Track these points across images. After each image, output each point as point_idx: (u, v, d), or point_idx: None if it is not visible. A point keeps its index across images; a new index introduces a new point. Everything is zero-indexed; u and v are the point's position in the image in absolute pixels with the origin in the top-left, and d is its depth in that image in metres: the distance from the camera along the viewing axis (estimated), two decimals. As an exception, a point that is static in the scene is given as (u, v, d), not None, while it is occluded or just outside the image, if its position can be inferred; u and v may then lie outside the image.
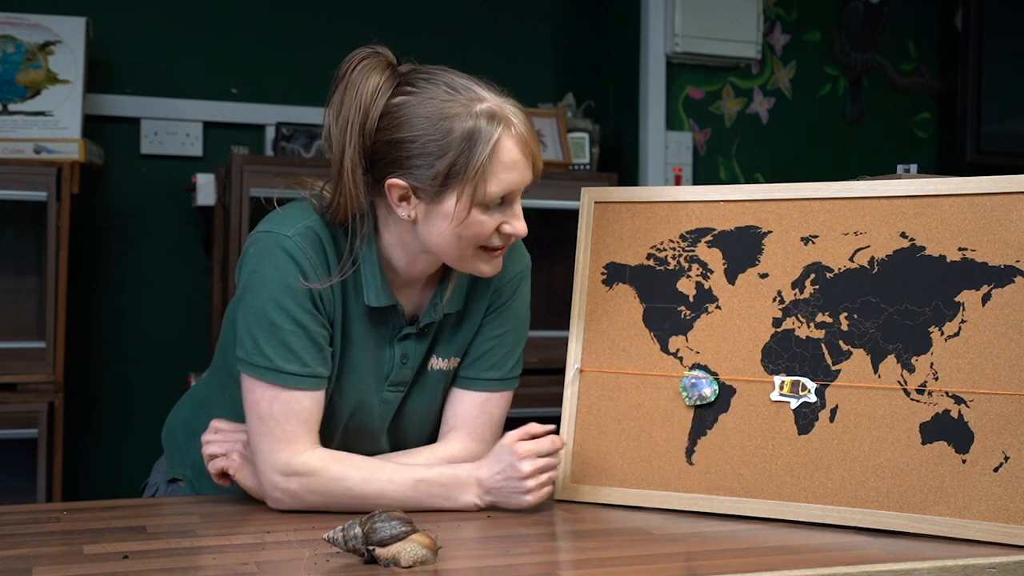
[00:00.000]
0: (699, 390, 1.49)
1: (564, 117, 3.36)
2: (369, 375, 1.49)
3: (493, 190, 1.36)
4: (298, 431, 1.39)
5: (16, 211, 2.91)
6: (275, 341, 1.39)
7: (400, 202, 1.39)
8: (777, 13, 3.57)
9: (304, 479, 1.39)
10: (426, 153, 1.35)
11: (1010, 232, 1.37)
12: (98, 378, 3.17)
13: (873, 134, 3.71)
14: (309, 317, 1.40)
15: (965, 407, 1.35)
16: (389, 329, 1.49)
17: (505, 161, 1.36)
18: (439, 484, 1.42)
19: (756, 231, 1.51)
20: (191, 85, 3.26)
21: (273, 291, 1.39)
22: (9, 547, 1.24)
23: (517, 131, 1.36)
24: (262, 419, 1.40)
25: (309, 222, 1.42)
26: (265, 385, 1.39)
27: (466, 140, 1.34)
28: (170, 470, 1.66)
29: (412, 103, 1.36)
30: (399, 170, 1.37)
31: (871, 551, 1.26)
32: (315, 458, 1.40)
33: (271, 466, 1.40)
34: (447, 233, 1.38)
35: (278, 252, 1.39)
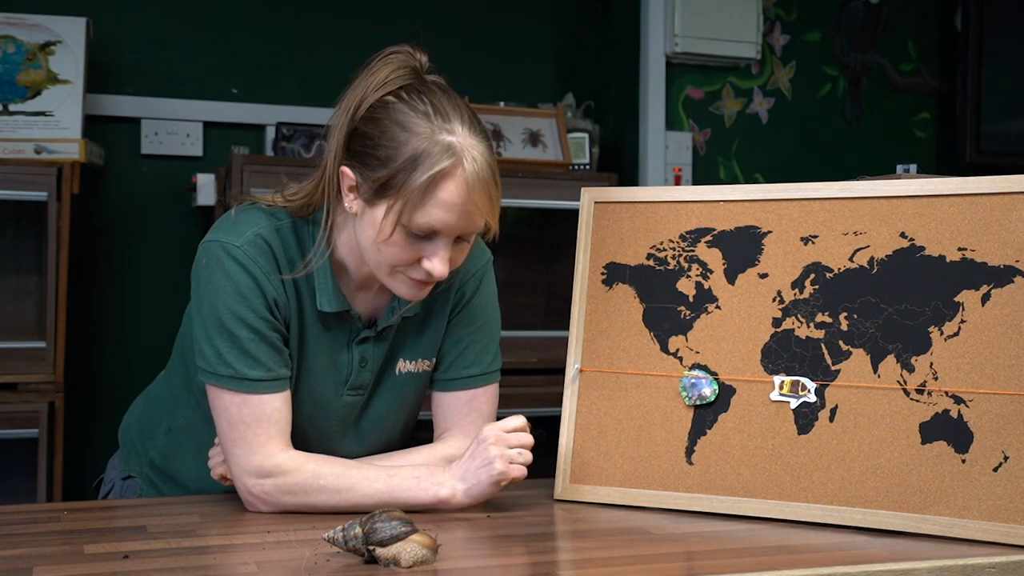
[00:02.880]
0: (699, 390, 1.49)
1: (564, 117, 3.36)
2: (327, 379, 1.49)
3: (419, 220, 1.33)
4: (270, 433, 1.40)
5: (16, 211, 2.91)
6: (236, 350, 1.40)
7: (349, 192, 1.39)
8: (777, 13, 3.57)
9: (278, 479, 1.40)
10: (376, 156, 1.34)
11: (1010, 232, 1.37)
12: (98, 378, 3.17)
13: (873, 134, 3.71)
14: (265, 323, 1.41)
15: (965, 407, 1.35)
16: (346, 333, 1.49)
17: (440, 198, 1.32)
18: (412, 476, 1.41)
19: (756, 231, 1.51)
20: (191, 85, 3.26)
21: (227, 301, 1.40)
22: (9, 547, 1.24)
23: (467, 174, 1.32)
24: (232, 425, 1.41)
25: (258, 229, 1.42)
26: (232, 392, 1.40)
27: (411, 160, 1.32)
28: (125, 467, 1.65)
29: (398, 108, 1.36)
30: (355, 160, 1.37)
31: (871, 551, 1.26)
32: (289, 459, 1.41)
33: (245, 470, 1.41)
34: (370, 240, 1.38)
35: (229, 262, 1.40)
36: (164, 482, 1.61)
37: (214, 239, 1.43)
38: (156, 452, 1.61)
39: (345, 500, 1.40)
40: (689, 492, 1.46)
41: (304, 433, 1.49)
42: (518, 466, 1.40)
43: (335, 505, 1.40)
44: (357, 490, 1.40)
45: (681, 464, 1.48)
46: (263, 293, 1.41)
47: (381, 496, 1.40)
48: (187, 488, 1.59)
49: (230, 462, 1.42)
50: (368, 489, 1.40)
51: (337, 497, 1.40)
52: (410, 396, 1.57)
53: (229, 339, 1.40)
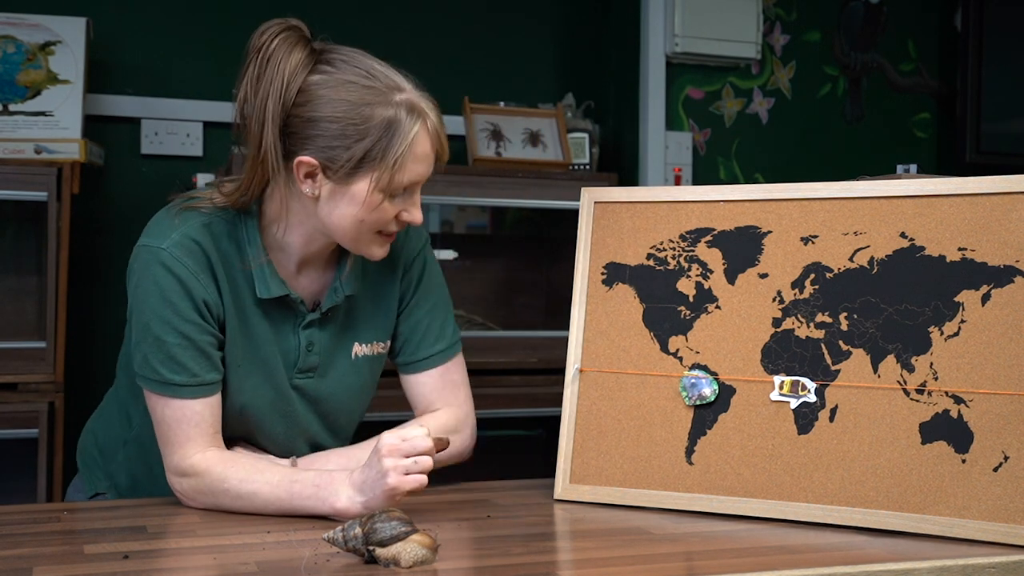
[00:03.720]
0: (699, 390, 1.49)
1: (564, 117, 3.36)
2: (277, 365, 1.50)
3: (404, 179, 1.39)
4: (190, 435, 1.42)
5: (16, 211, 2.91)
6: (161, 355, 1.42)
7: (305, 179, 1.40)
8: (777, 13, 3.57)
9: (192, 480, 1.43)
10: (344, 135, 1.37)
11: (1010, 232, 1.37)
12: (98, 378, 3.16)
13: (873, 134, 3.71)
14: (192, 327, 1.42)
15: (965, 407, 1.35)
16: (291, 318, 1.50)
17: (417, 153, 1.39)
18: (312, 485, 1.38)
19: (756, 231, 1.51)
20: (191, 85, 3.26)
21: (155, 306, 1.42)
22: (9, 547, 1.24)
23: (432, 125, 1.40)
24: (159, 424, 1.45)
25: (185, 229, 1.43)
26: (157, 395, 1.43)
27: (385, 129, 1.37)
28: (91, 487, 1.65)
29: (332, 83, 1.38)
30: (311, 148, 1.38)
31: (871, 551, 1.26)
32: (203, 460, 1.42)
33: (170, 468, 1.45)
34: (350, 216, 1.40)
35: (156, 266, 1.42)
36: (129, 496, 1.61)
37: (142, 243, 1.45)
38: (119, 468, 1.62)
39: (249, 504, 1.41)
40: (689, 492, 1.46)
41: (268, 420, 1.52)
42: (413, 477, 1.32)
43: (242, 508, 1.41)
44: (259, 496, 1.40)
45: (681, 464, 1.48)
46: (191, 296, 1.41)
47: (281, 503, 1.39)
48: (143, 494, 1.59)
49: (163, 457, 1.46)
50: (269, 496, 1.39)
51: (240, 502, 1.41)
52: (369, 378, 1.60)
53: (155, 344, 1.42)
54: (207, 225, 1.44)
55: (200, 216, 1.45)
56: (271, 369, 1.50)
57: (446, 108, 3.52)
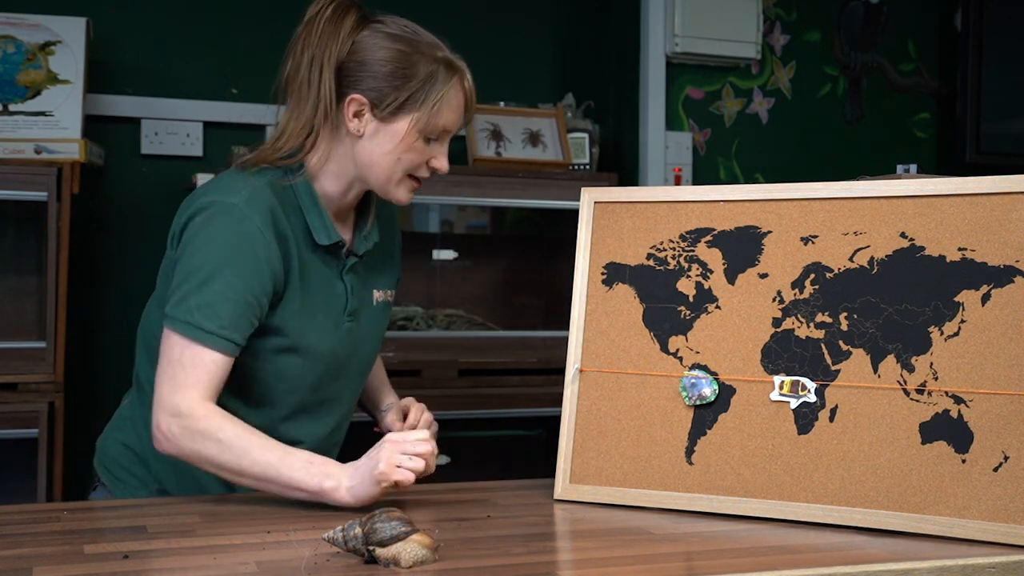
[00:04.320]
0: (699, 390, 1.49)
1: (564, 117, 3.36)
2: (330, 311, 1.60)
3: (438, 123, 1.56)
4: (199, 380, 1.46)
5: (16, 211, 2.91)
6: (202, 299, 1.46)
7: (353, 117, 1.55)
8: (777, 13, 3.57)
9: (186, 422, 1.44)
10: (393, 76, 1.54)
11: (1010, 232, 1.37)
12: (98, 378, 3.17)
13: (873, 134, 3.71)
14: (242, 283, 1.48)
15: (965, 407, 1.35)
16: (335, 265, 1.62)
17: (452, 103, 1.57)
18: (305, 460, 1.42)
19: (756, 231, 1.52)
20: (191, 85, 3.26)
21: (213, 253, 1.48)
22: (9, 547, 1.24)
23: (467, 84, 1.59)
24: (170, 363, 1.47)
25: (253, 187, 1.53)
26: (181, 337, 1.46)
27: (428, 77, 1.54)
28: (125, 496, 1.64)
29: (381, 35, 1.55)
30: (362, 88, 1.54)
31: (871, 551, 1.26)
32: (203, 406, 1.45)
33: (163, 406, 1.46)
34: (389, 152, 1.55)
35: (226, 218, 1.49)
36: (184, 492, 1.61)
37: (212, 199, 1.51)
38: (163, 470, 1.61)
39: (236, 460, 1.42)
40: (689, 492, 1.46)
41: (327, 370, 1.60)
42: (404, 471, 1.37)
43: (226, 462, 1.43)
44: (250, 454, 1.42)
45: (681, 464, 1.48)
46: (253, 252, 1.49)
47: (269, 467, 1.41)
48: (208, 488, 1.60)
49: (155, 395, 1.48)
50: (260, 457, 1.42)
51: (229, 454, 1.42)
52: (383, 326, 1.74)
53: (199, 287, 1.47)
54: (270, 184, 1.55)
55: (264, 175, 1.56)
56: (328, 312, 1.60)
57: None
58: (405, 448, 1.38)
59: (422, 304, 3.31)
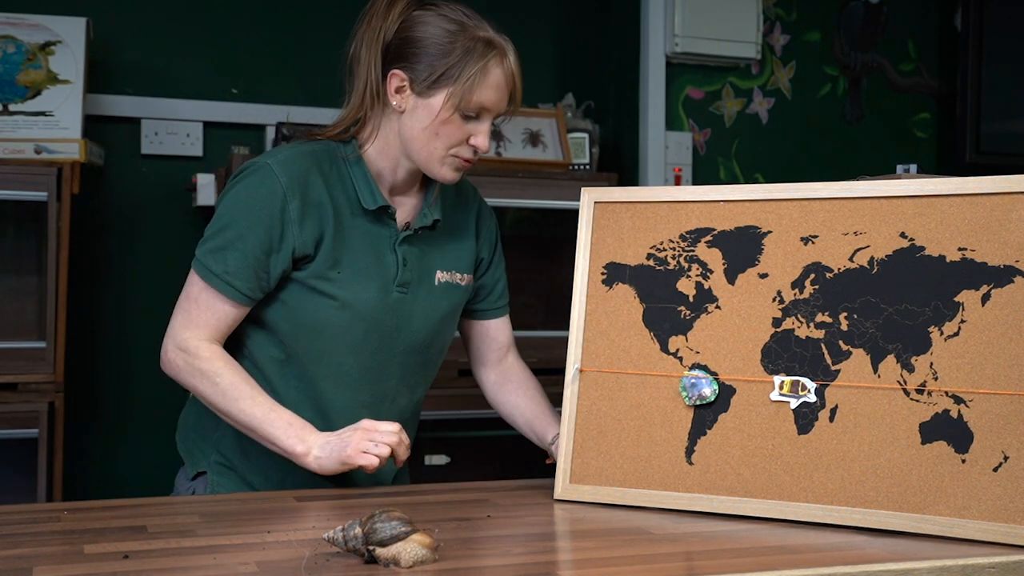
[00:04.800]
0: (699, 390, 1.49)
1: (564, 117, 3.36)
2: (377, 278, 1.63)
3: (475, 100, 1.58)
4: (208, 321, 1.58)
5: (16, 211, 2.91)
6: (215, 244, 1.57)
7: (396, 93, 1.60)
8: (777, 13, 3.57)
9: (190, 359, 1.57)
10: (429, 54, 1.57)
11: (1010, 232, 1.37)
12: (98, 378, 3.17)
13: (873, 134, 3.71)
14: (253, 236, 1.56)
15: (965, 407, 1.35)
16: (388, 236, 1.65)
17: (490, 81, 1.58)
18: (287, 422, 1.54)
19: (756, 231, 1.52)
20: (191, 85, 3.26)
21: (235, 204, 1.58)
22: (9, 547, 1.24)
23: (507, 64, 1.61)
24: (188, 298, 1.60)
25: (291, 152, 1.61)
26: (197, 277, 1.59)
27: (465, 53, 1.57)
28: (192, 468, 1.70)
29: (428, 16, 1.60)
30: (404, 63, 1.59)
31: (871, 551, 1.26)
32: (208, 348, 1.58)
33: (173, 336, 1.59)
34: (427, 128, 1.59)
35: (254, 175, 1.58)
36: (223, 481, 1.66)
37: (253, 160, 1.62)
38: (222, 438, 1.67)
39: (226, 405, 1.55)
40: (689, 492, 1.46)
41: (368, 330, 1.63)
42: (369, 456, 1.49)
43: (217, 403, 1.56)
44: (238, 402, 1.55)
45: (681, 464, 1.48)
46: (270, 207, 1.56)
47: (254, 419, 1.54)
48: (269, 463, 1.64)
49: (170, 321, 1.61)
50: (247, 407, 1.54)
51: (221, 398, 1.55)
52: (448, 307, 1.73)
53: (217, 233, 1.58)
54: (313, 152, 1.62)
55: (310, 145, 1.64)
56: (373, 275, 1.63)
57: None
58: (374, 436, 1.50)
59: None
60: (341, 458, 1.50)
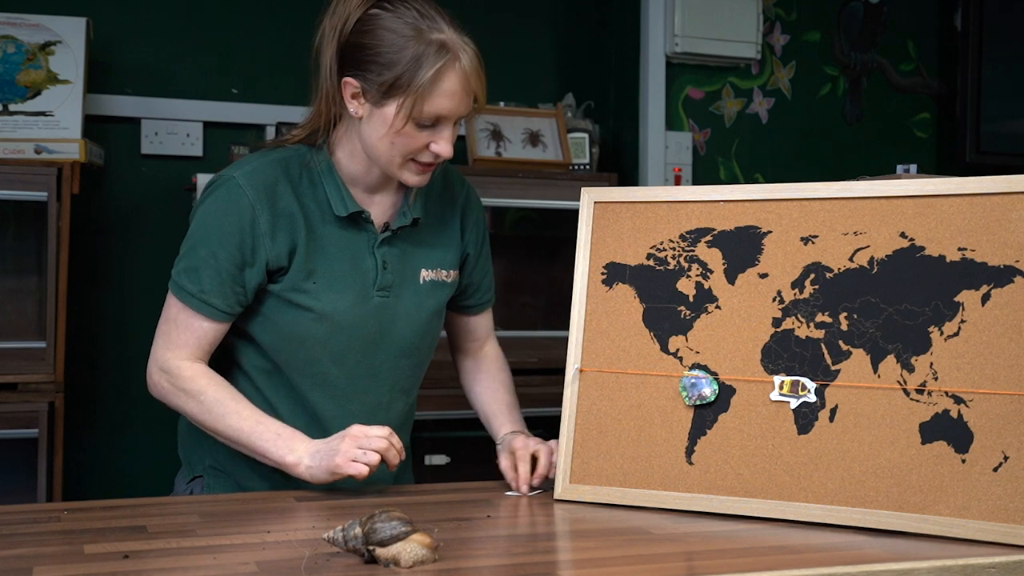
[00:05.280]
0: (699, 390, 1.49)
1: (564, 117, 3.36)
2: (355, 283, 1.61)
3: (428, 110, 1.51)
4: (188, 341, 1.57)
5: (16, 211, 2.91)
6: (188, 263, 1.57)
7: (352, 99, 1.55)
8: (777, 13, 3.57)
9: (174, 380, 1.56)
10: (379, 62, 1.51)
11: (1010, 232, 1.37)
12: (98, 378, 3.17)
13: (873, 134, 3.71)
14: (224, 252, 1.54)
15: (965, 407, 1.35)
16: (365, 240, 1.62)
17: (443, 88, 1.51)
18: (275, 432, 1.53)
19: (756, 231, 1.52)
20: (191, 85, 3.26)
21: (204, 221, 1.56)
22: (9, 547, 1.24)
23: (462, 67, 1.52)
24: (167, 319, 1.59)
25: (258, 163, 1.58)
26: (174, 297, 1.58)
27: (413, 61, 1.50)
28: (188, 472, 1.70)
29: (382, 18, 1.52)
30: (356, 70, 1.53)
31: (871, 551, 1.26)
32: (190, 367, 1.56)
33: (156, 359, 1.58)
34: (382, 137, 1.54)
35: (221, 190, 1.57)
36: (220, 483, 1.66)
37: (221, 173, 1.60)
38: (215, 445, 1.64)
39: (213, 422, 1.54)
40: (689, 492, 1.46)
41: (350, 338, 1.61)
42: (359, 464, 1.46)
43: (204, 421, 1.55)
44: (225, 419, 1.53)
45: (681, 464, 1.48)
46: (239, 223, 1.54)
47: (242, 433, 1.53)
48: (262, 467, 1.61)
49: (153, 344, 1.60)
50: (234, 423, 1.53)
51: (208, 416, 1.54)
52: (435, 305, 1.70)
53: (189, 251, 1.57)
54: (282, 159, 1.59)
55: (279, 152, 1.61)
56: (349, 283, 1.60)
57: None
58: (363, 443, 1.47)
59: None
60: (329, 468, 1.47)
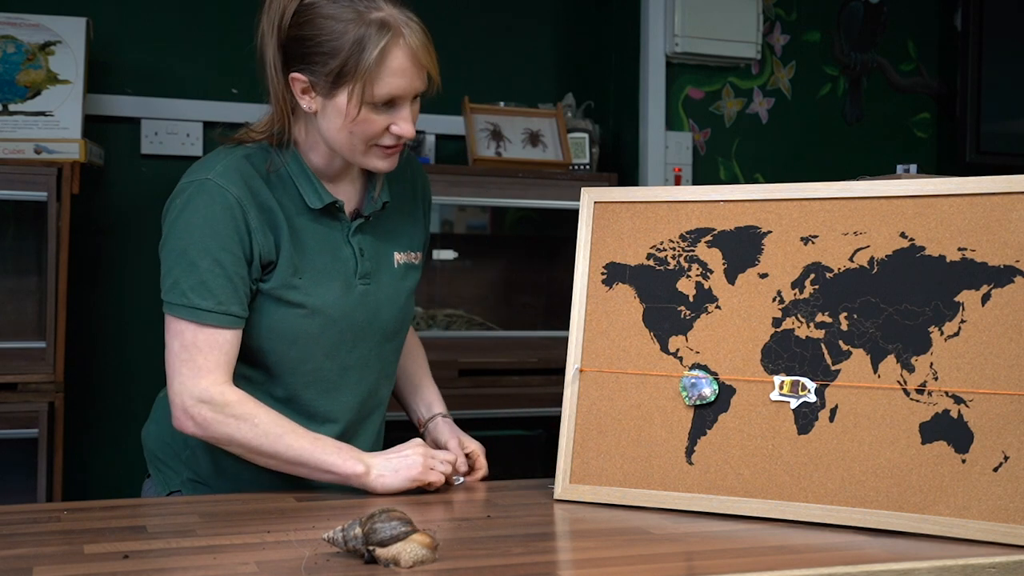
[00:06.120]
0: (699, 390, 1.49)
1: (564, 117, 3.36)
2: (337, 275, 1.59)
3: (379, 92, 1.48)
4: (219, 362, 1.50)
5: (16, 211, 2.91)
6: (193, 280, 1.49)
7: (303, 95, 1.52)
8: (777, 13, 3.57)
9: (218, 407, 1.48)
10: (322, 52, 1.48)
11: (1010, 232, 1.37)
12: (98, 378, 3.17)
13: (873, 134, 3.71)
14: (228, 256, 1.50)
15: (965, 407, 1.35)
16: (340, 229, 1.61)
17: (392, 67, 1.48)
18: (335, 447, 1.51)
19: (756, 231, 1.52)
20: (191, 85, 3.26)
21: (195, 232, 1.49)
22: (9, 547, 1.24)
23: (407, 42, 1.48)
24: (185, 347, 1.50)
25: (227, 161, 1.54)
26: (187, 322, 1.49)
27: (356, 44, 1.46)
28: (163, 487, 1.66)
29: (319, 5, 1.49)
30: (301, 64, 1.50)
31: (871, 551, 1.26)
32: (232, 391, 1.50)
33: (188, 391, 1.49)
34: (340, 128, 1.51)
35: (201, 195, 1.50)
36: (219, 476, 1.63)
37: (187, 180, 1.54)
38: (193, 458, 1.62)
39: (271, 444, 1.48)
40: (689, 492, 1.46)
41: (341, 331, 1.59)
42: (436, 473, 1.51)
43: (260, 446, 1.49)
44: (283, 439, 1.48)
45: (681, 464, 1.48)
46: (233, 221, 1.50)
47: (304, 451, 1.49)
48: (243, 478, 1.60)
49: (173, 380, 1.50)
50: (294, 442, 1.49)
51: (264, 439, 1.48)
52: (410, 287, 1.70)
53: (188, 268, 1.49)
54: (247, 156, 1.56)
55: (242, 149, 1.57)
56: (333, 274, 1.58)
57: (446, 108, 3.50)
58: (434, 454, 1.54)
59: (422, 304, 3.31)
60: (411, 476, 1.50)
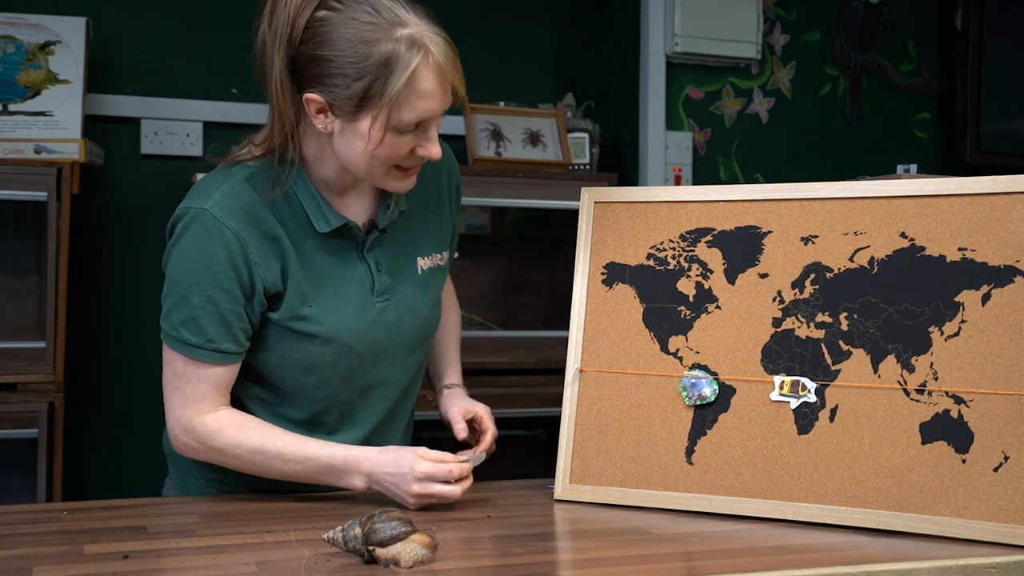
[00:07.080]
0: (699, 390, 1.49)
1: (564, 117, 3.36)
2: (353, 298, 1.52)
3: (407, 117, 1.38)
4: (204, 393, 1.47)
5: (16, 211, 2.91)
6: (183, 314, 1.44)
7: (318, 115, 1.42)
8: (777, 13, 3.57)
9: (200, 439, 1.47)
10: (344, 74, 1.37)
11: (1010, 232, 1.37)
12: (98, 378, 3.17)
13: (873, 134, 3.71)
14: (221, 293, 1.43)
15: (965, 407, 1.35)
16: (353, 246, 1.52)
17: (420, 90, 1.37)
18: (327, 465, 1.45)
19: (756, 231, 1.51)
20: (191, 85, 3.26)
21: (188, 265, 1.43)
22: (9, 547, 1.24)
23: (435, 60, 1.38)
24: (175, 375, 1.48)
25: (227, 187, 1.45)
26: (176, 352, 1.47)
27: (383, 66, 1.35)
28: (181, 489, 1.64)
29: (335, 20, 1.37)
30: (318, 85, 1.39)
31: (871, 551, 1.26)
32: (214, 420, 1.47)
33: (176, 418, 1.48)
34: (361, 152, 1.41)
35: (197, 227, 1.43)
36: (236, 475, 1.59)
37: (185, 205, 1.47)
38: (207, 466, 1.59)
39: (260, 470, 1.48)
40: (689, 492, 1.46)
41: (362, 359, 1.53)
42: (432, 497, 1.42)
43: (250, 472, 1.49)
44: (271, 465, 1.47)
45: (681, 464, 1.48)
46: (230, 258, 1.43)
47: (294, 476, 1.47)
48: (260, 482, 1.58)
49: (166, 405, 1.50)
50: (284, 469, 1.47)
51: (251, 468, 1.48)
52: (436, 291, 1.64)
53: (179, 301, 1.44)
54: (250, 178, 1.47)
55: (243, 170, 1.48)
56: (347, 297, 1.51)
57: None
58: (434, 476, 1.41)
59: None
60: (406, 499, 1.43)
